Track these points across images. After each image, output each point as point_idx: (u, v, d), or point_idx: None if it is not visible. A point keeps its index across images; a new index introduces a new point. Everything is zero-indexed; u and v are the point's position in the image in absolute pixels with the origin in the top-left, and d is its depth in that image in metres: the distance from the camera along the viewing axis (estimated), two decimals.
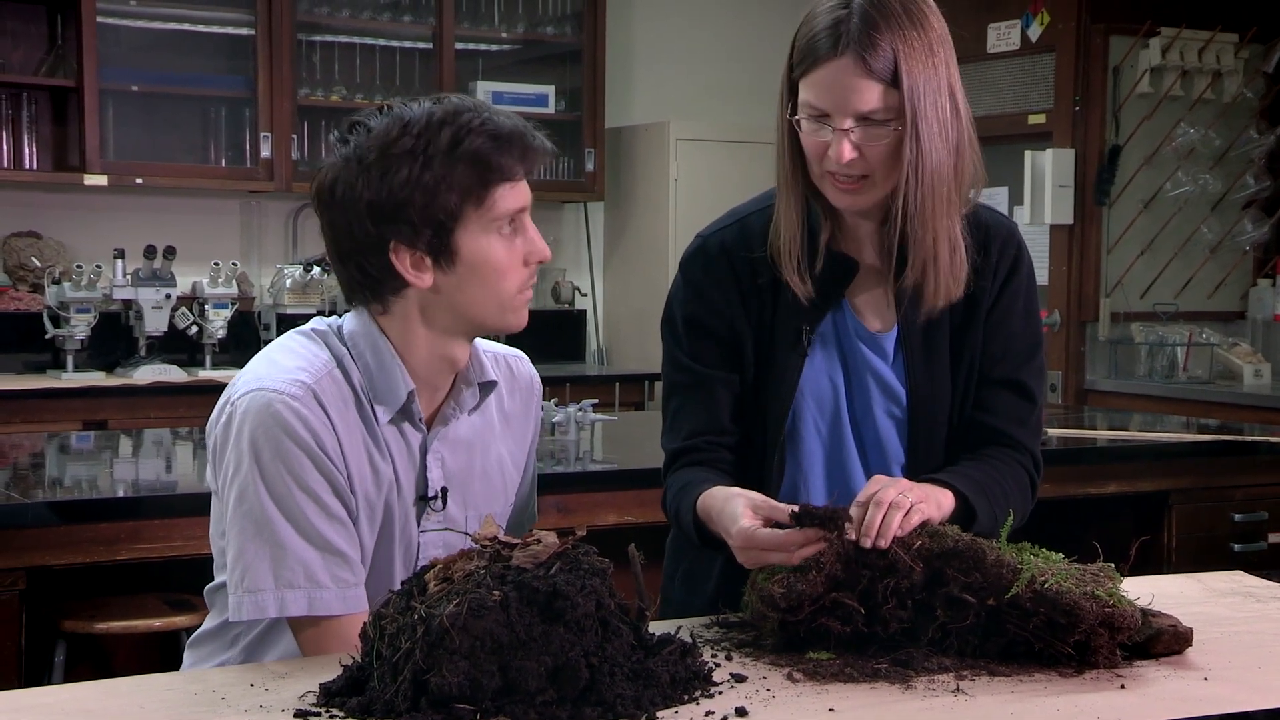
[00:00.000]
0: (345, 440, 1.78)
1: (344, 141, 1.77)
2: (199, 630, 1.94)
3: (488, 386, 1.93)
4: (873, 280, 1.99)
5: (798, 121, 1.88)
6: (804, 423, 1.98)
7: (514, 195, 1.77)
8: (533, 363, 2.06)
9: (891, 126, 1.83)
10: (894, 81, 1.82)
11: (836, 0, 1.86)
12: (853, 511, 1.71)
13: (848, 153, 1.84)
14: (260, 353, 1.86)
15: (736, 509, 1.76)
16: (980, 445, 1.98)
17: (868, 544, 1.67)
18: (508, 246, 1.78)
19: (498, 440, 1.96)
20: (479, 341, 1.93)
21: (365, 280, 1.80)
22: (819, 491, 2.00)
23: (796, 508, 1.70)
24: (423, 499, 1.87)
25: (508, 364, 2.00)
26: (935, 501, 1.79)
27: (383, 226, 1.74)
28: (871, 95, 1.82)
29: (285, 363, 1.79)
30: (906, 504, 1.70)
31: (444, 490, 1.87)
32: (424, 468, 1.87)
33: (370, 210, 1.74)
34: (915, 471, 1.95)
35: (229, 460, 1.76)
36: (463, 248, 1.76)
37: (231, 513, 1.75)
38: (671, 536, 2.14)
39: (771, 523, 1.72)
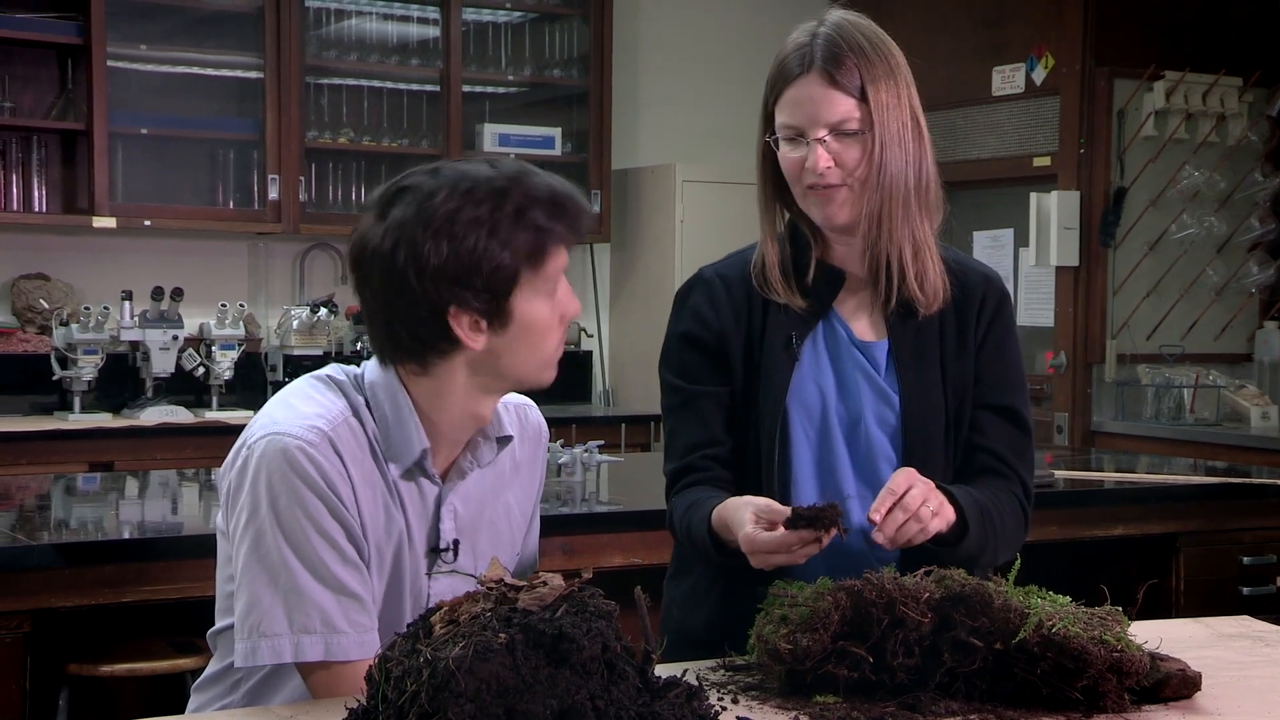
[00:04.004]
0: (360, 488, 1.78)
1: (389, 204, 1.75)
2: (203, 674, 1.93)
3: (504, 441, 1.93)
4: (862, 296, 2.07)
5: (775, 141, 1.99)
6: (793, 429, 2.03)
7: (564, 257, 1.81)
8: (539, 404, 2.06)
9: (864, 136, 1.95)
10: (861, 96, 1.94)
11: (801, 32, 1.99)
12: (877, 505, 1.80)
13: (823, 160, 1.95)
14: (275, 397, 1.85)
15: (743, 517, 1.85)
16: (976, 473, 2.04)
17: (879, 538, 1.78)
18: (550, 306, 1.80)
19: (507, 489, 1.97)
20: None
21: (414, 344, 1.78)
22: (810, 499, 2.03)
23: (790, 511, 1.79)
24: (434, 550, 1.87)
25: (519, 413, 2.00)
26: (945, 516, 1.86)
27: (445, 291, 1.73)
28: (839, 106, 1.94)
29: (302, 408, 1.79)
30: (927, 517, 1.80)
31: (456, 542, 1.87)
32: (437, 519, 1.86)
33: (436, 275, 1.72)
34: None
35: (243, 504, 1.76)
36: (517, 310, 1.77)
37: (245, 557, 1.75)
38: (671, 572, 2.17)
39: (773, 525, 1.81)
